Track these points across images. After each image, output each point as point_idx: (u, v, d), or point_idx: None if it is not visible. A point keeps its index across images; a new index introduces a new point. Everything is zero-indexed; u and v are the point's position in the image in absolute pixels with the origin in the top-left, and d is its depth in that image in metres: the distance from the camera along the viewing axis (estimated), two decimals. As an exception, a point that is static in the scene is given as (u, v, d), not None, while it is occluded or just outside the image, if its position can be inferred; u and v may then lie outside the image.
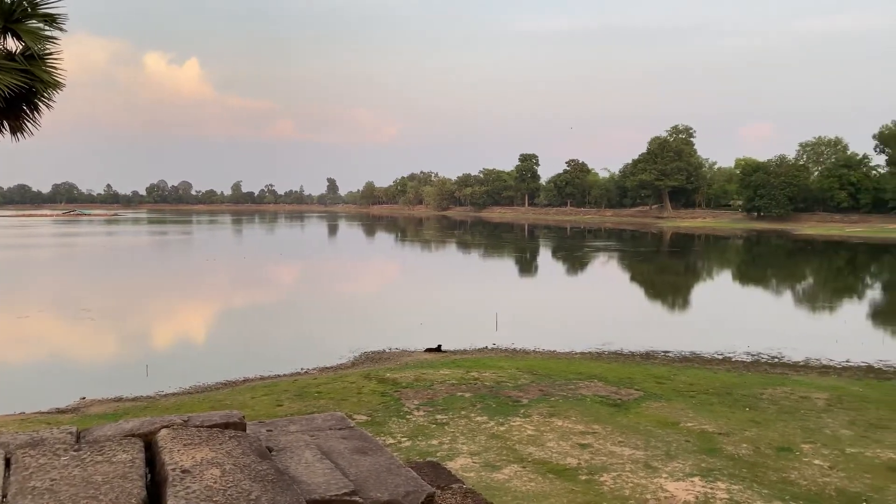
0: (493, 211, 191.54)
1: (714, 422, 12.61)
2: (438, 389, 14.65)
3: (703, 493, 9.00)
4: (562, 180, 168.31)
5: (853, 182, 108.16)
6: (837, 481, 9.70)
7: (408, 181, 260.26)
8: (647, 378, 16.53)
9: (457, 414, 12.69)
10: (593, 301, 37.30)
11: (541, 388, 14.85)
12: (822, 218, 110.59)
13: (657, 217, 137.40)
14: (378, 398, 14.01)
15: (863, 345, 23.27)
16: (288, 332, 27.32)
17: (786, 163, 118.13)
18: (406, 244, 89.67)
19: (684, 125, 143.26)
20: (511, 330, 25.17)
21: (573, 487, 9.14)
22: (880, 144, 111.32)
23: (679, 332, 27.18)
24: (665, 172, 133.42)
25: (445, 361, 18.67)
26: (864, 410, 13.74)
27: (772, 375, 17.96)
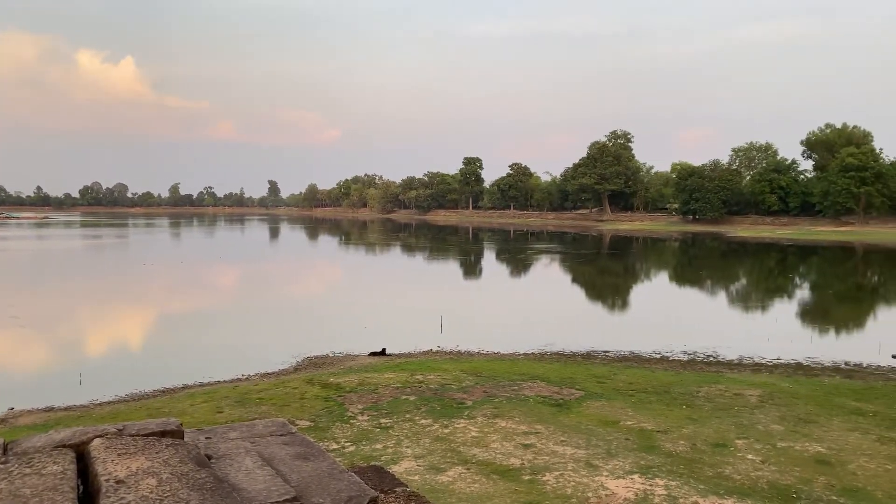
0: (438, 214, 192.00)
1: (653, 420, 12.92)
2: (383, 393, 14.59)
3: (642, 489, 9.21)
4: (505, 184, 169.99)
5: (783, 186, 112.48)
6: (769, 475, 10.07)
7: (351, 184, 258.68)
8: (588, 378, 16.82)
9: (401, 417, 12.67)
10: (536, 302, 37.75)
11: (485, 390, 14.95)
12: (755, 221, 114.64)
13: (597, 220, 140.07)
14: (321, 403, 13.86)
15: (792, 343, 24.20)
16: (228, 337, 26.77)
17: (719, 167, 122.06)
18: (350, 247, 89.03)
19: (623, 130, 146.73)
20: (456, 332, 25.25)
21: (516, 488, 9.23)
22: (808, 150, 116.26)
23: (619, 332, 27.75)
24: (604, 176, 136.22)
25: (390, 365, 18.61)
26: (793, 406, 14.30)
27: (707, 374, 18.50)
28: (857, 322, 32.47)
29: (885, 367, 20.40)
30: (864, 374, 19.25)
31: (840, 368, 20.02)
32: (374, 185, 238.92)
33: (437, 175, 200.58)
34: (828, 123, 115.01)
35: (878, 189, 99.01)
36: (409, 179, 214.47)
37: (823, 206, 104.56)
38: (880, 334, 26.35)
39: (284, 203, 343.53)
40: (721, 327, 28.92)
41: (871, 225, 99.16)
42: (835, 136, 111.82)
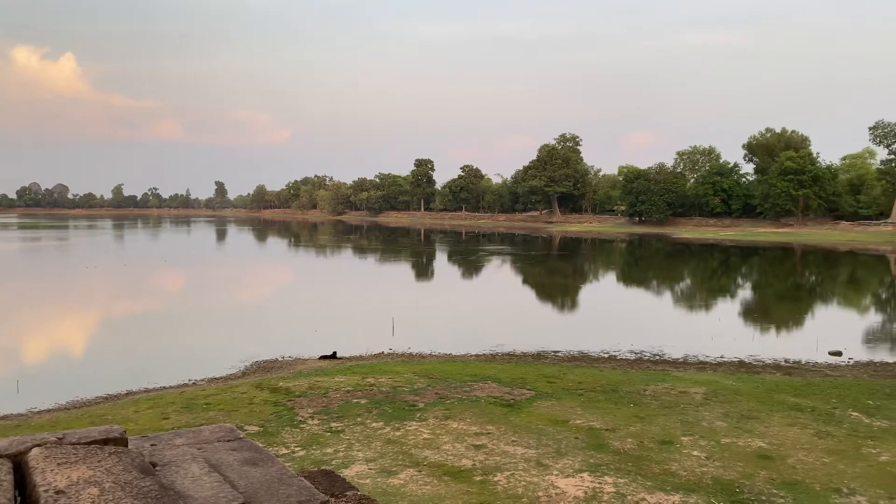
0: (390, 215, 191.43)
1: (601, 418, 13.13)
2: (333, 397, 14.47)
3: (591, 487, 9.35)
4: (457, 185, 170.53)
5: (725, 188, 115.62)
6: (713, 470, 10.33)
7: (301, 185, 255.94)
8: (538, 378, 16.99)
9: (352, 421, 12.58)
10: (488, 304, 37.96)
11: (437, 392, 14.97)
12: (698, 222, 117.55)
13: (547, 221, 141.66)
14: (270, 408, 13.67)
15: (735, 341, 24.90)
16: (174, 342, 26.18)
17: (665, 170, 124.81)
18: (300, 249, 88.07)
19: (571, 133, 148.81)
20: (408, 334, 25.22)
21: (468, 489, 9.27)
22: (749, 154, 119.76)
23: (568, 332, 28.13)
24: (554, 179, 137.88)
25: (341, 368, 18.47)
26: (736, 403, 14.71)
27: (654, 372, 18.88)
28: (796, 320, 33.60)
29: (823, 363, 21.15)
30: (802, 370, 19.92)
31: (780, 366, 20.67)
32: (325, 187, 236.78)
33: (389, 176, 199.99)
34: (768, 128, 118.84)
35: (815, 192, 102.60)
36: (361, 181, 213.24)
37: (764, 208, 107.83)
38: (818, 332, 27.31)
39: (232, 204, 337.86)
40: (667, 327, 29.57)
41: (809, 226, 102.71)
42: (774, 140, 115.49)
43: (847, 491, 9.61)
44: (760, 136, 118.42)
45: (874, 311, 38.28)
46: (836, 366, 20.83)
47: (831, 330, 28.91)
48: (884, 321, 34.54)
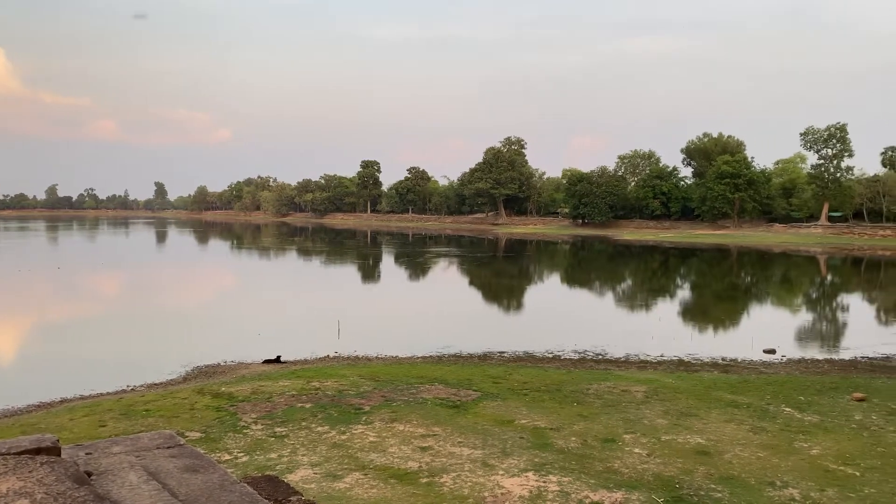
0: (335, 217, 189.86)
1: (546, 417, 13.30)
2: (278, 401, 14.26)
3: (536, 486, 9.45)
4: (403, 187, 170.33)
5: (665, 192, 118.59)
6: (654, 467, 10.58)
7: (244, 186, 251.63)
8: (484, 379, 17.10)
9: (297, 425, 12.43)
10: (434, 305, 38.03)
11: (383, 395, 14.91)
12: (639, 224, 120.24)
13: (493, 224, 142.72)
14: (213, 413, 13.39)
15: (674, 340, 25.55)
16: (112, 347, 25.38)
17: (607, 173, 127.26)
18: (242, 251, 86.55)
19: (516, 137, 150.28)
20: (354, 337, 25.05)
21: (414, 491, 9.26)
22: (687, 158, 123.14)
23: (514, 332, 28.40)
24: (500, 181, 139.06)
25: (285, 372, 18.22)
26: (676, 401, 15.09)
27: (597, 371, 19.22)
28: (733, 320, 34.68)
29: (758, 361, 21.89)
30: (738, 368, 20.58)
31: (717, 364, 21.31)
32: (268, 188, 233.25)
33: (335, 178, 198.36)
34: (705, 133, 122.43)
35: (750, 195, 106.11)
36: (305, 182, 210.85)
37: (702, 211, 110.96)
38: (753, 331, 28.26)
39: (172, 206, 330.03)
40: (609, 327, 30.15)
41: (744, 228, 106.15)
42: (711, 144, 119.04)
43: (780, 484, 9.96)
44: (698, 141, 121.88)
45: (805, 311, 39.81)
46: (770, 363, 21.59)
47: (766, 329, 29.95)
48: (814, 320, 35.95)
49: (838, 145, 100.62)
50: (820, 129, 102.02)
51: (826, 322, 35.14)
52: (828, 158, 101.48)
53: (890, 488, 9.93)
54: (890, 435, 13.06)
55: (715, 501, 9.21)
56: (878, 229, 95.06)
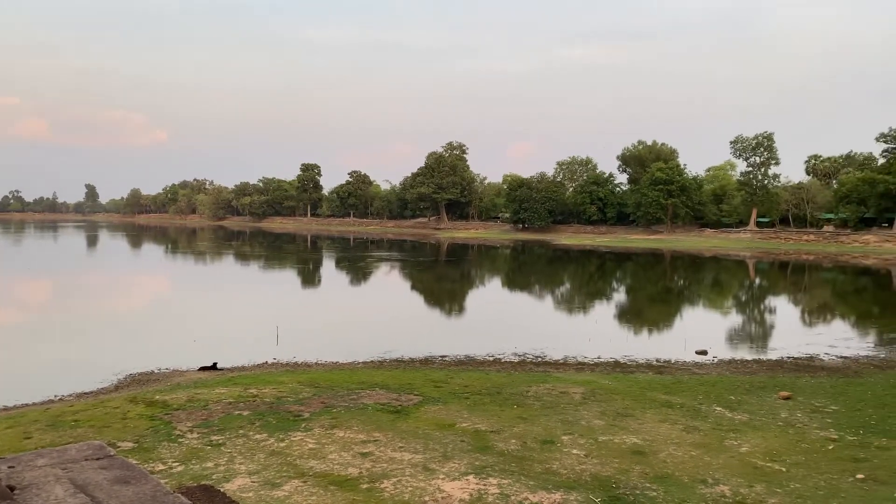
0: (274, 221, 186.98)
1: (486, 420, 13.39)
2: (214, 409, 13.94)
3: (476, 489, 9.51)
4: (344, 191, 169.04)
5: (601, 197, 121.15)
6: (592, 468, 10.77)
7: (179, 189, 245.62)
8: (426, 383, 17.11)
9: (234, 433, 12.17)
10: (376, 310, 37.85)
11: (323, 401, 14.75)
12: (577, 229, 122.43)
13: (435, 228, 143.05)
14: (146, 423, 12.99)
15: (611, 342, 26.10)
16: (38, 356, 24.34)
17: (546, 179, 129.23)
18: (178, 256, 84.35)
19: (458, 142, 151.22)
20: (293, 343, 24.71)
21: (354, 497, 9.19)
22: (623, 164, 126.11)
23: (455, 336, 28.51)
24: (442, 186, 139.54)
25: (222, 379, 17.83)
26: (612, 402, 15.41)
27: (536, 374, 19.47)
28: (667, 322, 35.65)
29: (690, 362, 22.56)
30: (672, 369, 21.16)
31: (652, 365, 21.86)
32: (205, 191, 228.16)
33: (274, 181, 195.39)
34: (640, 140, 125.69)
35: (682, 201, 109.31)
36: (243, 185, 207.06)
37: (637, 216, 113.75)
38: (686, 332, 29.09)
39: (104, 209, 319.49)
40: (548, 329, 30.58)
41: (677, 233, 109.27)
42: (646, 151, 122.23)
43: (712, 481, 10.28)
44: (633, 148, 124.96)
45: (735, 313, 41.23)
46: (703, 364, 22.27)
47: (698, 330, 30.88)
48: (743, 322, 37.27)
49: (766, 153, 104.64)
50: (748, 138, 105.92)
51: (754, 323, 36.48)
52: (756, 166, 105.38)
53: (814, 483, 10.37)
54: (813, 431, 13.65)
55: (650, 500, 9.44)
56: (803, 234, 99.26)
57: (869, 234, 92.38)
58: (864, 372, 20.72)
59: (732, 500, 9.54)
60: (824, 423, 14.34)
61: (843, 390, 17.74)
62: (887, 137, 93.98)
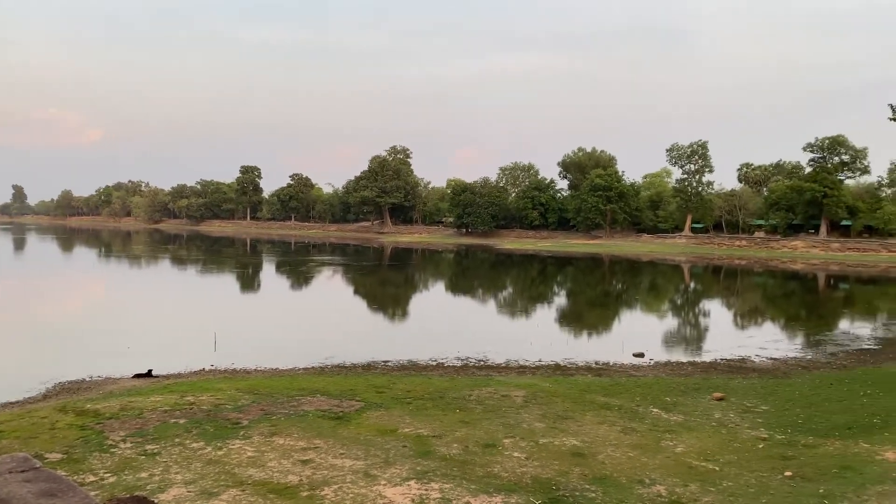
0: (213, 224, 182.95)
1: (429, 425, 13.39)
2: (149, 418, 13.54)
3: (418, 494, 9.49)
4: (285, 194, 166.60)
5: (543, 203, 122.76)
6: (532, 470, 10.89)
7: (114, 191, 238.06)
8: (368, 388, 17.00)
9: (170, 442, 11.85)
10: (318, 315, 37.43)
11: (262, 408, 14.49)
12: (519, 234, 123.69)
13: (379, 232, 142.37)
14: (76, 432, 12.52)
15: (552, 346, 26.46)
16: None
17: (489, 184, 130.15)
18: (111, 260, 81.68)
19: (402, 146, 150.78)
20: (232, 349, 24.21)
21: (295, 505, 9.06)
22: (563, 170, 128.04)
23: (398, 341, 28.44)
24: (385, 190, 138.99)
25: (157, 387, 17.33)
26: (553, 404, 15.61)
27: (478, 378, 19.58)
28: (605, 325, 36.35)
29: (628, 364, 23.05)
30: (611, 371, 21.58)
31: (591, 367, 22.25)
32: (140, 193, 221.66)
33: (212, 183, 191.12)
34: (580, 147, 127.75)
35: (620, 206, 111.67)
36: (181, 187, 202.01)
37: (577, 221, 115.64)
38: (624, 335, 29.71)
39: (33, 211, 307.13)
40: (491, 333, 30.78)
41: (616, 238, 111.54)
42: (585, 158, 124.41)
43: (649, 482, 10.53)
44: (573, 155, 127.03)
45: (671, 316, 42.34)
46: (640, 366, 22.79)
47: (635, 333, 31.58)
48: (679, 324, 38.31)
49: (700, 161, 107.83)
50: (684, 146, 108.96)
51: (689, 326, 37.54)
52: (691, 173, 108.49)
53: (745, 481, 10.72)
54: (745, 431, 14.12)
55: (589, 501, 9.60)
56: (735, 240, 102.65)
57: (797, 240, 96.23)
58: (792, 373, 21.56)
59: (668, 499, 9.78)
60: (755, 423, 14.86)
61: (772, 391, 18.41)
62: (813, 147, 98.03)
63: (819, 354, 25.69)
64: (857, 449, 12.59)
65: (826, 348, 27.17)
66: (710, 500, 9.75)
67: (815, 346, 28.09)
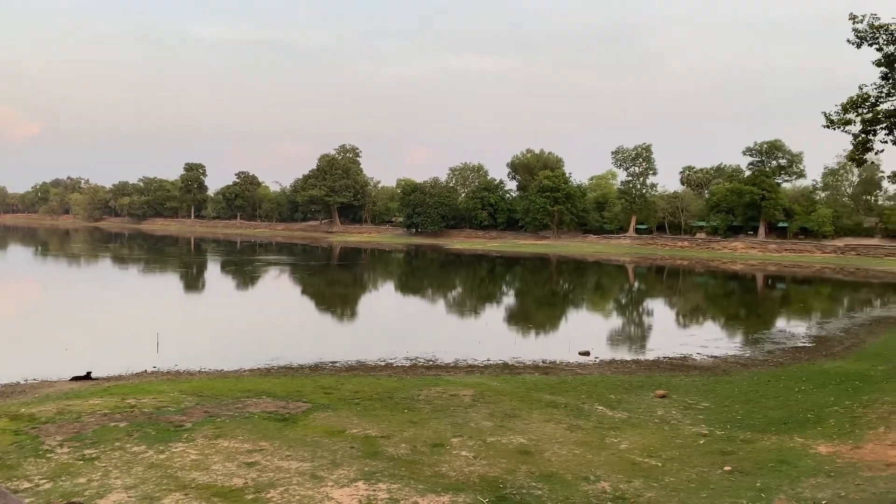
0: (156, 223, 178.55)
1: (377, 426, 13.34)
2: (87, 421, 13.13)
3: (366, 496, 9.46)
4: (231, 192, 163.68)
5: (492, 203, 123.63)
6: (480, 469, 10.96)
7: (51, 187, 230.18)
8: (315, 389, 16.84)
9: (110, 446, 11.52)
10: (264, 316, 36.89)
11: (206, 410, 14.21)
12: (469, 234, 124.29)
13: (327, 231, 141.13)
14: (10, 437, 12.05)
15: (500, 345, 26.68)
16: None
17: (439, 185, 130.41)
18: (48, 258, 78.89)
19: (351, 145, 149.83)
20: (175, 351, 23.68)
21: (240, 508, 8.92)
22: (512, 171, 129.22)
23: (346, 341, 28.25)
24: (334, 189, 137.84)
25: (97, 390, 16.83)
26: (500, 403, 15.74)
27: (427, 377, 19.60)
28: (553, 324, 36.82)
29: (574, 363, 23.41)
30: (557, 370, 21.87)
31: (539, 366, 22.51)
32: (80, 190, 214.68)
33: (155, 181, 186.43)
34: (528, 149, 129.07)
35: (567, 207, 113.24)
36: (122, 185, 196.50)
37: (525, 222, 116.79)
38: (570, 334, 30.19)
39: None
40: (440, 333, 30.89)
41: (563, 239, 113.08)
42: (534, 160, 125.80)
43: (594, 478, 10.71)
44: (522, 156, 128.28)
45: (616, 315, 43.15)
46: (585, 364, 23.17)
47: (581, 332, 32.12)
48: (624, 323, 39.07)
49: (644, 164, 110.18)
50: (628, 149, 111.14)
51: (633, 325, 38.33)
52: (635, 176, 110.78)
53: (686, 476, 11.01)
54: (687, 427, 14.50)
55: (536, 499, 9.71)
56: (678, 241, 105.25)
57: (737, 241, 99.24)
58: (731, 370, 22.23)
59: (612, 495, 9.97)
60: (696, 420, 15.27)
61: (713, 388, 18.95)
62: (752, 151, 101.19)
63: (757, 352, 26.54)
64: (792, 443, 13.06)
65: (764, 346, 28.08)
66: (653, 496, 9.97)
67: (753, 344, 29.01)
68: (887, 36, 21.47)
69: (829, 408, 15.98)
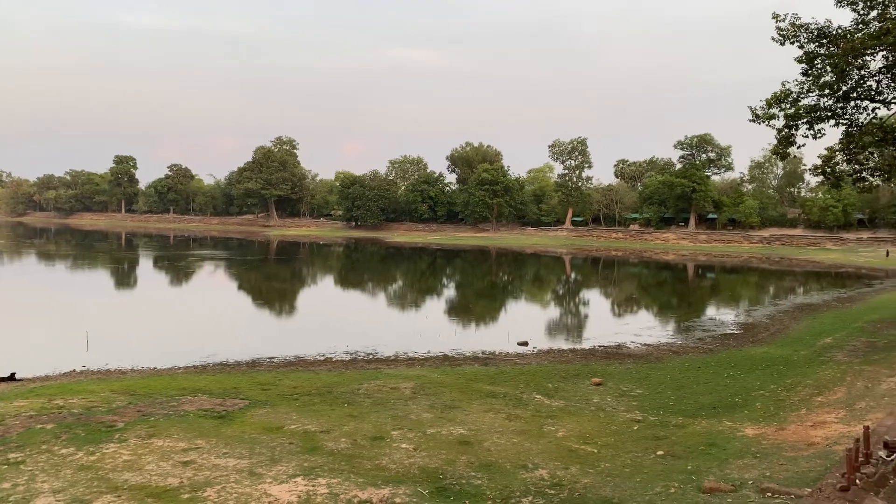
0: (84, 217, 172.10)
1: (316, 421, 13.25)
2: (12, 424, 12.61)
3: (305, 491, 9.39)
4: (163, 186, 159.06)
5: (432, 196, 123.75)
6: (420, 461, 11.02)
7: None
8: (252, 386, 16.60)
9: (36, 449, 11.10)
10: (198, 312, 36.07)
11: (139, 409, 13.84)
12: (409, 227, 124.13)
13: (264, 225, 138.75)
14: (-74, 444, 11.48)
15: (440, 337, 26.77)
16: None
17: (378, 177, 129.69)
18: (-34, 256, 75.06)
19: (288, 137, 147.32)
20: (105, 349, 22.93)
21: (175, 508, 8.73)
22: (452, 164, 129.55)
23: (284, 337, 27.89)
24: (271, 182, 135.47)
25: (21, 391, 16.16)
26: (441, 395, 15.84)
27: (367, 371, 19.55)
28: (492, 315, 37.17)
29: (513, 353, 23.71)
30: (496, 361, 22.12)
31: (478, 357, 22.72)
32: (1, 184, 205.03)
33: (83, 174, 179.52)
34: (468, 142, 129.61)
35: (506, 200, 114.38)
36: (48, 178, 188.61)
37: (465, 215, 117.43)
38: (509, 325, 30.51)
39: None
40: (380, 326, 30.80)
41: (502, 231, 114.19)
42: (473, 153, 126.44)
43: (532, 466, 10.90)
44: (461, 149, 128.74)
45: (553, 305, 43.88)
46: (524, 354, 23.50)
47: (520, 322, 32.53)
48: (561, 313, 39.76)
49: (580, 157, 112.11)
50: (565, 143, 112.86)
51: (570, 315, 39.04)
52: (571, 169, 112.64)
53: (621, 461, 11.32)
54: (621, 414, 14.90)
55: (475, 488, 9.83)
56: (612, 232, 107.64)
57: (669, 233, 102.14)
58: (664, 358, 22.90)
59: (550, 482, 10.18)
60: (630, 406, 15.71)
61: (646, 375, 19.50)
62: (683, 144, 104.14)
63: (688, 340, 27.41)
64: (721, 427, 13.58)
65: (694, 334, 29.02)
66: (589, 482, 10.22)
67: (684, 331, 29.94)
68: (807, 34, 22.40)
69: (755, 392, 16.67)
